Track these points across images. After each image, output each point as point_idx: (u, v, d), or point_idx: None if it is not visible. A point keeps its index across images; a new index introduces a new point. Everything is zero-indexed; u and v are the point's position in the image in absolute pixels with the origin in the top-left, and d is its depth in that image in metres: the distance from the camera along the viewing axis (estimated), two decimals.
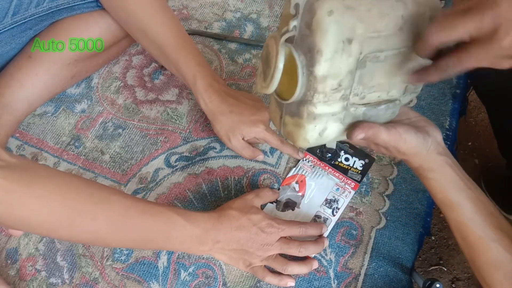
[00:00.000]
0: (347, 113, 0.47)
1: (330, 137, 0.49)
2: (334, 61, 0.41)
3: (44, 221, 0.45)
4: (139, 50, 0.81)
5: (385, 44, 0.43)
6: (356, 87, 0.45)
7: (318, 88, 0.42)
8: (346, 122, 0.48)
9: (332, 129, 0.47)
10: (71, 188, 0.47)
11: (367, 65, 0.43)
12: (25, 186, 0.43)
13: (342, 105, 0.45)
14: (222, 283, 0.62)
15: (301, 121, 0.46)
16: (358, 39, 0.41)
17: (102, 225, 0.48)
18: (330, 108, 0.45)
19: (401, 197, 0.68)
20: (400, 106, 0.50)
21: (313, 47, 0.40)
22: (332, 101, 0.44)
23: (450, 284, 1.00)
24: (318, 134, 0.47)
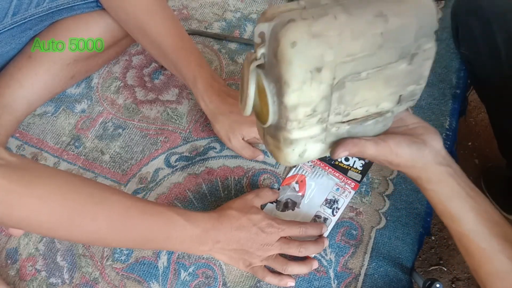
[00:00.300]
0: (328, 134, 0.45)
1: (313, 156, 0.47)
2: (303, 90, 0.39)
3: (44, 221, 0.45)
4: (139, 50, 0.81)
5: (363, 66, 0.40)
6: (337, 107, 0.43)
7: (290, 116, 0.41)
8: (328, 141, 0.46)
9: (312, 150, 0.46)
10: (71, 187, 0.47)
11: (346, 85, 0.41)
12: (25, 186, 0.43)
13: (320, 128, 0.44)
14: (222, 283, 0.62)
15: (279, 144, 0.45)
16: (329, 66, 0.38)
17: (102, 225, 0.48)
18: (307, 132, 0.43)
19: (401, 197, 0.68)
20: (393, 118, 0.48)
21: (280, 77, 0.38)
22: (308, 126, 0.43)
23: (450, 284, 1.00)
24: (298, 156, 0.46)
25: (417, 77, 0.45)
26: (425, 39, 0.42)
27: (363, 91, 0.42)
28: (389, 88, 0.44)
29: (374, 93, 0.43)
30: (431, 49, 0.43)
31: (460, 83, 0.77)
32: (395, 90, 0.44)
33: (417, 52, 0.42)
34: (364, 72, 0.41)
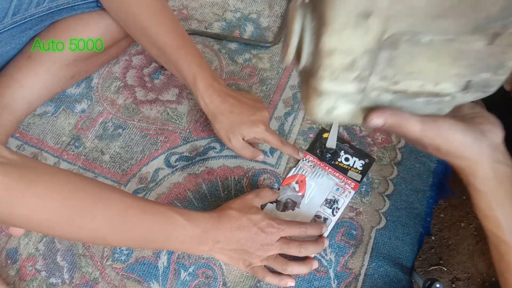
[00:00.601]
0: (365, 97, 0.39)
1: (342, 117, 0.41)
2: (343, 36, 0.34)
3: (44, 219, 0.45)
4: (139, 50, 0.81)
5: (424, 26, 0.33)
6: (385, 69, 0.37)
7: (324, 62, 0.36)
8: (363, 105, 0.40)
9: (343, 110, 0.40)
10: (71, 186, 0.47)
11: (401, 47, 0.35)
12: (25, 184, 0.43)
13: (357, 88, 0.38)
14: (222, 283, 0.62)
15: (309, 93, 0.40)
16: (380, 14, 0.32)
17: (102, 224, 0.48)
18: (340, 87, 0.38)
19: (401, 197, 0.68)
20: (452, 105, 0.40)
21: (322, 16, 0.34)
22: (343, 80, 0.37)
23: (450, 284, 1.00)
24: (325, 111, 0.40)
25: (496, 65, 0.37)
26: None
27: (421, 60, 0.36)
28: (456, 67, 0.37)
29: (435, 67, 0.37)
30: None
31: None
32: (463, 72, 0.37)
33: (501, 32, 0.34)
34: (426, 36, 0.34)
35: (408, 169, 0.70)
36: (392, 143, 0.72)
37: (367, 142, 0.72)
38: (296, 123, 0.74)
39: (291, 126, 0.74)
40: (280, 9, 0.85)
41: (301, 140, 0.72)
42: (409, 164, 0.70)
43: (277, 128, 0.73)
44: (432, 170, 0.70)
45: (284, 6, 0.85)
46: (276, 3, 0.86)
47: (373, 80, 0.37)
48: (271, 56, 0.80)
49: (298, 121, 0.74)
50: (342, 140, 0.71)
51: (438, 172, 0.70)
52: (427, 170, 0.70)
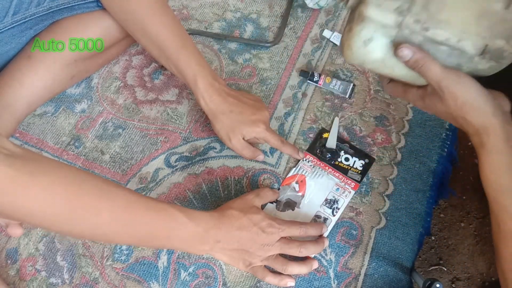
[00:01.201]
0: (400, 33, 0.43)
1: (375, 53, 0.45)
2: None
3: (47, 212, 0.44)
4: (139, 50, 0.81)
5: None
6: (420, 12, 0.41)
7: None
8: (396, 41, 0.44)
9: (378, 42, 0.44)
10: (75, 180, 0.47)
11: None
12: (29, 176, 0.43)
13: (395, 20, 0.43)
14: (222, 283, 0.62)
15: (352, 25, 0.45)
16: None
17: (104, 219, 0.48)
18: (382, 15, 0.43)
19: (401, 197, 0.68)
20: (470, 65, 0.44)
21: None
22: (386, 8, 0.42)
23: (450, 284, 1.00)
24: (362, 42, 0.44)
25: (510, 33, 0.41)
26: None
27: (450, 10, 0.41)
28: (478, 26, 0.41)
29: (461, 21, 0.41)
30: None
31: None
32: (483, 34, 0.41)
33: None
34: None
35: (408, 169, 0.70)
36: (392, 143, 0.72)
37: (367, 142, 0.72)
38: (296, 123, 0.74)
39: (291, 126, 0.74)
40: (280, 9, 0.85)
41: (301, 140, 0.72)
42: (409, 164, 0.70)
43: (277, 128, 0.73)
44: (432, 170, 0.70)
45: (284, 6, 0.85)
46: (276, 3, 0.86)
47: (408, 19, 0.42)
48: (271, 56, 0.80)
49: (298, 121, 0.74)
50: (342, 140, 0.71)
51: (438, 172, 0.70)
52: (427, 170, 0.70)
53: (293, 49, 0.81)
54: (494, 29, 0.41)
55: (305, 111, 0.75)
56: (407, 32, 0.43)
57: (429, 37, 0.43)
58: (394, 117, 0.73)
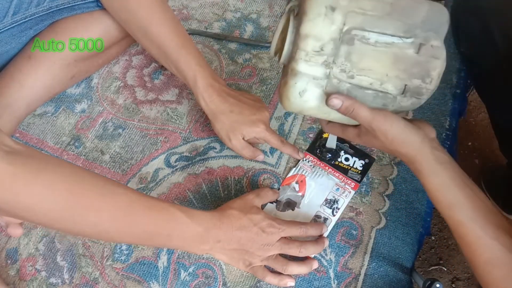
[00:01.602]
0: (329, 82, 0.49)
1: (311, 102, 0.50)
2: (316, 23, 0.46)
3: (48, 209, 0.44)
4: (139, 50, 0.81)
5: (371, 24, 0.45)
6: (344, 62, 0.47)
7: (301, 44, 0.47)
8: (328, 91, 0.49)
9: (312, 93, 0.49)
10: (76, 177, 0.46)
11: (355, 43, 0.46)
12: (30, 173, 0.42)
13: (324, 72, 0.48)
14: (222, 283, 0.62)
15: (286, 79, 0.50)
16: (341, 10, 0.45)
17: (105, 217, 0.48)
18: (311, 69, 0.48)
19: (401, 197, 0.68)
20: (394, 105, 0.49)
21: (302, 11, 0.46)
22: (314, 63, 0.47)
23: (450, 284, 1.00)
24: (298, 93, 0.49)
25: (424, 73, 0.47)
26: (433, 34, 0.46)
27: (370, 59, 0.47)
28: (395, 70, 0.47)
29: (380, 67, 0.47)
30: (440, 49, 0.46)
31: (460, 83, 0.77)
32: (401, 76, 0.47)
33: (424, 43, 0.46)
34: (373, 37, 0.46)
35: (408, 169, 0.70)
36: None
37: None
38: (296, 123, 0.74)
39: (291, 126, 0.74)
40: (280, 9, 0.85)
41: (301, 140, 0.72)
42: None
43: (277, 128, 0.73)
44: None
45: (284, 6, 0.85)
46: (276, 3, 0.86)
47: (335, 70, 0.48)
48: (271, 56, 0.80)
49: (298, 121, 0.74)
50: (342, 140, 0.71)
51: None
52: None
53: None
54: (410, 71, 0.47)
55: None
56: (336, 81, 0.48)
57: (355, 83, 0.48)
58: None
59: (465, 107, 0.82)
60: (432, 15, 0.46)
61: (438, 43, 0.46)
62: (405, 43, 0.46)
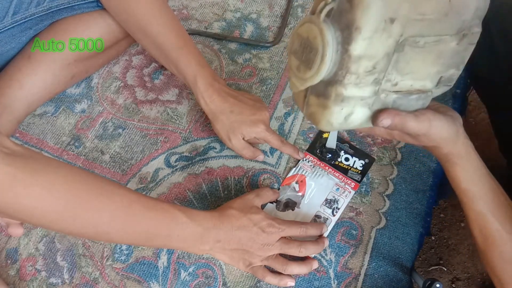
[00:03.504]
0: (376, 99, 0.44)
1: (355, 123, 0.46)
2: (372, 41, 0.39)
3: (48, 211, 0.44)
4: (139, 50, 0.81)
5: (428, 29, 0.40)
6: (390, 71, 0.42)
7: (351, 68, 0.40)
8: (374, 108, 0.45)
9: (358, 114, 0.45)
10: (75, 178, 0.46)
11: (405, 49, 0.41)
12: (30, 174, 0.42)
13: (373, 90, 0.43)
14: (222, 283, 0.62)
15: (327, 102, 0.43)
16: (401, 20, 0.39)
17: (105, 218, 0.48)
18: (361, 91, 0.42)
19: (401, 197, 0.68)
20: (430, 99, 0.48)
21: (351, 23, 0.38)
22: (364, 84, 0.42)
23: (450, 284, 1.00)
24: (343, 118, 0.45)
25: (459, 61, 0.45)
26: (477, 21, 0.43)
27: (415, 61, 0.43)
28: (436, 65, 0.44)
29: (423, 67, 0.44)
30: (477, 34, 0.44)
31: (460, 83, 0.77)
32: (440, 70, 0.45)
33: (467, 33, 0.43)
34: (423, 39, 0.41)
35: (408, 169, 0.70)
36: (392, 143, 0.72)
37: (367, 142, 0.72)
38: (296, 123, 0.74)
39: (291, 126, 0.74)
40: (280, 9, 0.85)
41: (301, 140, 0.72)
42: (409, 164, 0.70)
43: (277, 128, 0.74)
44: (432, 170, 0.70)
45: (284, 6, 0.85)
46: (276, 3, 0.86)
47: (383, 84, 0.43)
48: (271, 56, 0.80)
49: (298, 121, 0.74)
50: (342, 140, 0.71)
51: (438, 172, 0.70)
52: (427, 170, 0.70)
53: None
54: (448, 63, 0.45)
55: None
56: (383, 96, 0.44)
57: (398, 90, 0.45)
58: None
59: (465, 107, 0.82)
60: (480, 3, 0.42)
61: (478, 29, 0.43)
62: (452, 37, 0.42)
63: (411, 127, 0.46)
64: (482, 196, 0.49)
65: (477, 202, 0.50)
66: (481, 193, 0.50)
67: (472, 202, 0.50)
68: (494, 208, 0.49)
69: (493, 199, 0.49)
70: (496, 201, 0.49)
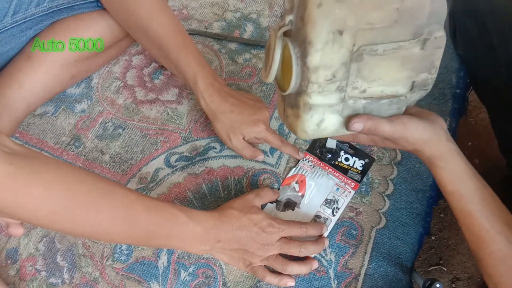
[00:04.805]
0: (345, 105, 0.47)
1: (329, 129, 0.49)
2: (325, 51, 0.42)
3: (48, 210, 0.44)
4: (139, 50, 0.81)
5: (380, 37, 0.43)
6: (355, 80, 0.45)
7: (311, 78, 0.44)
8: (345, 114, 0.48)
9: (330, 121, 0.48)
10: (76, 178, 0.47)
11: (364, 58, 0.44)
12: (30, 173, 0.42)
13: (338, 97, 0.46)
14: (222, 283, 0.62)
15: (299, 112, 0.47)
16: (350, 31, 0.42)
17: (105, 218, 0.48)
18: (326, 99, 0.45)
19: (401, 197, 0.68)
20: (407, 104, 0.50)
21: (305, 38, 0.42)
22: (327, 92, 0.45)
23: (450, 284, 1.00)
24: (315, 125, 0.48)
25: (429, 65, 0.47)
26: (436, 26, 0.44)
27: (379, 68, 0.45)
28: (404, 71, 0.46)
29: (389, 73, 0.46)
30: (442, 38, 0.45)
31: (460, 83, 0.77)
32: (409, 75, 0.46)
33: (428, 37, 0.45)
34: (381, 47, 0.43)
35: (408, 169, 0.70)
36: None
37: None
38: None
39: None
40: (280, 9, 0.85)
41: (301, 140, 0.72)
42: (409, 164, 0.70)
43: (277, 128, 0.74)
44: None
45: (283, 7, 0.85)
46: (276, 3, 0.86)
47: (348, 90, 0.46)
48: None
49: None
50: (342, 140, 0.71)
51: None
52: (427, 170, 0.70)
53: None
54: (417, 68, 0.46)
55: None
56: (351, 102, 0.47)
57: (368, 96, 0.47)
58: None
59: (465, 107, 0.82)
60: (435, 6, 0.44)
61: (441, 33, 0.45)
62: (411, 43, 0.44)
63: (385, 130, 0.48)
64: (469, 197, 0.50)
65: (465, 203, 0.50)
66: (468, 194, 0.50)
67: (460, 203, 0.50)
68: (482, 208, 0.49)
69: (481, 200, 0.49)
70: (484, 201, 0.49)
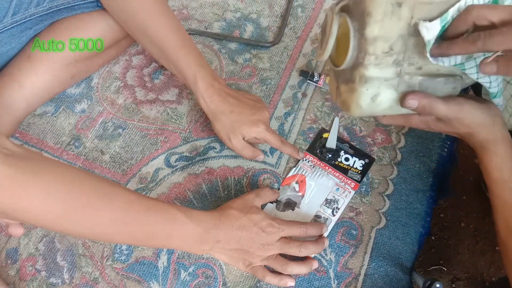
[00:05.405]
0: (401, 81, 0.46)
1: (383, 104, 0.48)
2: (383, 23, 0.43)
3: (48, 211, 0.44)
4: (139, 50, 0.81)
5: (438, 12, 0.43)
6: (411, 55, 0.45)
7: (369, 49, 0.44)
8: (400, 90, 0.47)
9: (385, 95, 0.47)
10: (75, 179, 0.47)
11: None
12: (29, 175, 0.42)
13: (395, 71, 0.46)
14: (222, 283, 0.62)
15: (354, 86, 0.47)
16: (408, 3, 0.42)
17: (105, 218, 0.48)
18: (382, 72, 0.46)
19: (401, 197, 0.68)
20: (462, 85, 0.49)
21: (364, 10, 0.43)
22: (384, 64, 0.45)
23: (450, 284, 1.00)
24: (370, 99, 0.47)
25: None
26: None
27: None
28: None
29: None
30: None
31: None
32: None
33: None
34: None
35: (408, 169, 0.70)
36: (392, 143, 0.72)
37: (367, 142, 0.72)
38: (296, 123, 0.74)
39: (291, 126, 0.74)
40: (280, 9, 0.85)
41: (301, 140, 0.72)
42: (409, 164, 0.70)
43: (277, 128, 0.74)
44: (432, 170, 0.70)
45: (284, 6, 0.85)
46: (276, 3, 0.86)
47: (404, 65, 0.46)
48: (271, 56, 0.80)
49: (298, 121, 0.74)
50: (342, 140, 0.71)
51: (438, 172, 0.70)
52: (427, 170, 0.70)
53: (293, 49, 0.81)
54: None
55: (305, 111, 0.75)
56: (407, 78, 0.47)
57: (425, 73, 0.47)
58: None
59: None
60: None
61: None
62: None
63: (440, 109, 0.46)
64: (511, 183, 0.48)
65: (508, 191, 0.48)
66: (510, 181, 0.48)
67: (502, 190, 0.49)
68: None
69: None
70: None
